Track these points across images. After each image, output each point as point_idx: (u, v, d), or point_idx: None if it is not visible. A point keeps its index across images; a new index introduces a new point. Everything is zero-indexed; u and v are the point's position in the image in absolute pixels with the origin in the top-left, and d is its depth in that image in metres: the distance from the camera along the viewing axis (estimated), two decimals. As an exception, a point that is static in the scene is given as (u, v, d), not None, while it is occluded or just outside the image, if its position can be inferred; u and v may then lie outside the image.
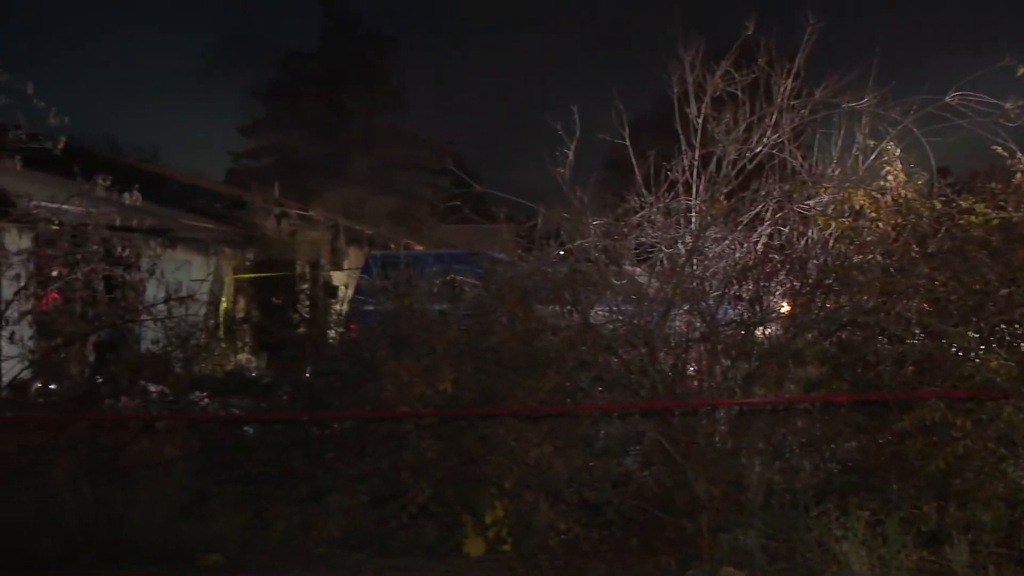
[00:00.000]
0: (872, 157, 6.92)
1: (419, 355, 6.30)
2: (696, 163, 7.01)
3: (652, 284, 6.85)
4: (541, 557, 6.05)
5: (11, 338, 7.03)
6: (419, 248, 21.57)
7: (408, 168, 42.75)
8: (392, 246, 22.81)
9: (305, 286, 19.82)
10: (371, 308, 7.36)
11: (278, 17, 77.30)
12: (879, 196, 6.59)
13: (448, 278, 7.22)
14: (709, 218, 6.81)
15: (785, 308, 6.71)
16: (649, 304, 6.66)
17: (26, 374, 7.00)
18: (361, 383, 6.44)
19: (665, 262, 7.02)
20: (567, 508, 6.11)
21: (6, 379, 7.10)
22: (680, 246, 6.93)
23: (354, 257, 22.71)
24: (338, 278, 21.05)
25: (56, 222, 7.11)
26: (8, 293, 7.10)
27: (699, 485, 5.89)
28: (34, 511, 6.29)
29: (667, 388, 6.34)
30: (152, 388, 7.30)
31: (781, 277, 6.76)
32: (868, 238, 6.45)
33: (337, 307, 10.93)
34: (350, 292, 12.59)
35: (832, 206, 6.79)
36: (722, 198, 6.88)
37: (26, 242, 7.94)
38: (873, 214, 6.50)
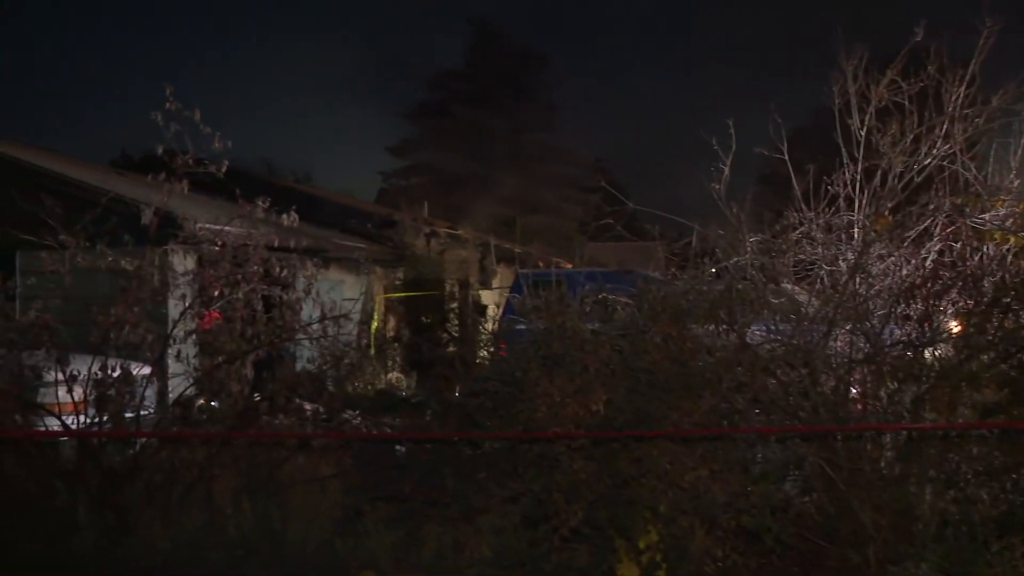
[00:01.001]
0: (1058, 167, 6.64)
1: (572, 375, 6.34)
2: (859, 177, 6.86)
3: (812, 303, 6.72)
4: (697, 584, 6.00)
5: (177, 356, 7.40)
6: (568, 266, 21.66)
7: (557, 186, 43.07)
8: (541, 264, 22.97)
9: (454, 305, 20.18)
10: (522, 327, 7.44)
11: (427, 37, 79.38)
12: (1065, 208, 6.31)
13: (600, 297, 7.24)
14: (873, 234, 6.64)
15: (956, 328, 6.48)
16: (809, 324, 6.54)
17: (190, 391, 7.34)
18: (512, 403, 6.51)
19: (826, 280, 6.88)
20: (724, 534, 6.03)
21: (172, 396, 7.48)
22: (842, 263, 6.79)
23: (503, 276, 22.98)
24: (487, 297, 21.33)
25: (218, 243, 7.46)
26: (175, 313, 7.49)
27: (865, 513, 5.72)
28: (201, 524, 6.63)
29: (829, 411, 6.20)
30: (307, 406, 7.56)
31: (952, 295, 6.53)
32: (1053, 254, 6.18)
33: (487, 326, 11.10)
34: (499, 311, 12.76)
35: (1011, 219, 6.53)
36: (887, 213, 6.71)
37: (190, 263, 8.36)
38: (1059, 228, 6.22)
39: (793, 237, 6.94)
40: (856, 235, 6.82)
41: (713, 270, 7.22)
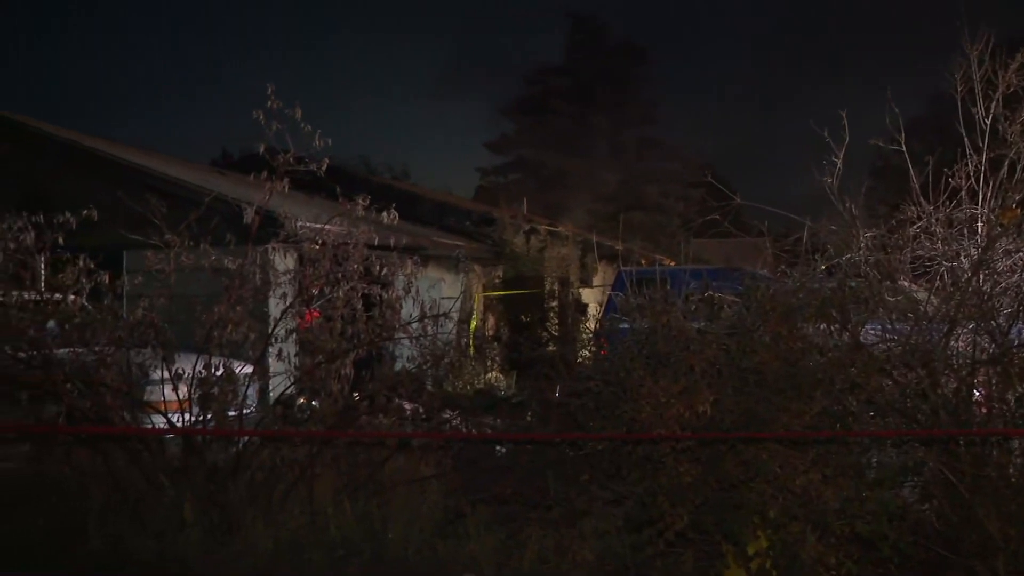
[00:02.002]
0: None
1: (677, 375, 6.28)
2: (983, 168, 6.65)
3: (931, 301, 6.54)
4: (810, 593, 5.88)
5: (278, 355, 7.54)
6: (671, 264, 21.48)
7: (659, 181, 42.77)
8: (643, 261, 22.81)
9: (554, 303, 20.18)
10: (625, 326, 7.39)
11: (526, 32, 79.65)
12: None
13: (706, 295, 7.16)
14: (999, 228, 6.42)
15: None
16: (928, 323, 6.36)
17: (291, 390, 7.47)
18: (615, 403, 6.48)
19: (946, 277, 6.68)
20: (837, 541, 5.90)
21: (273, 394, 7.63)
22: (964, 259, 6.58)
23: (603, 273, 22.89)
24: (588, 295, 21.28)
25: (319, 241, 7.56)
26: (276, 311, 7.64)
27: (991, 523, 5.53)
28: (302, 523, 6.75)
29: (950, 415, 6.02)
30: (407, 406, 7.62)
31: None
32: None
33: (588, 325, 11.07)
34: (601, 309, 12.70)
35: None
36: (1015, 205, 6.49)
37: (291, 262, 8.50)
38: None
39: (911, 232, 6.75)
40: (980, 229, 6.61)
41: (823, 267, 7.07)
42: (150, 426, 7.20)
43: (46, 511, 6.95)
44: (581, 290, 21.66)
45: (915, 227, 6.78)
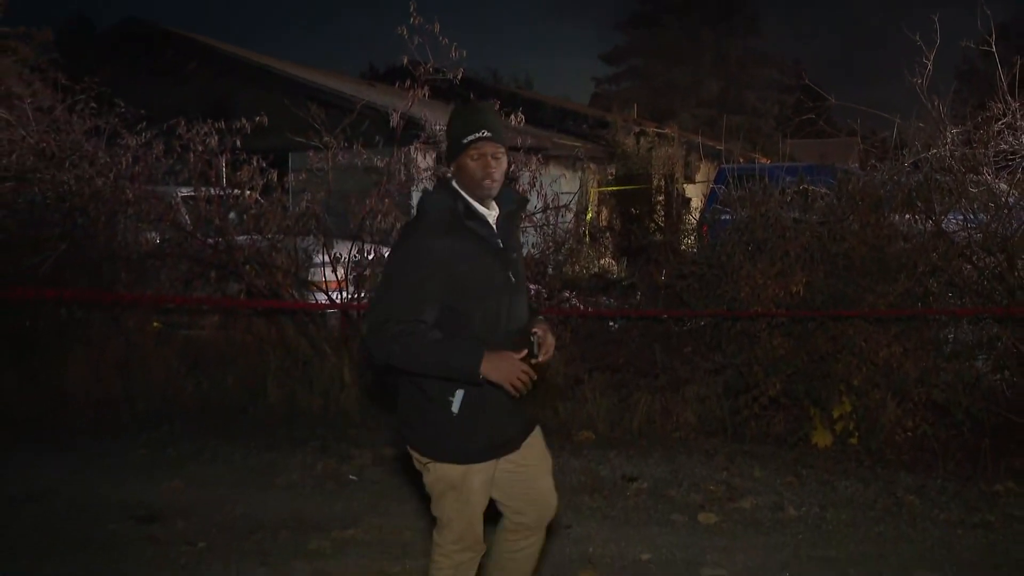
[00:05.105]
0: None
1: (773, 259, 6.23)
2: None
3: (1012, 193, 6.26)
4: (888, 451, 5.87)
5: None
6: (766, 161, 20.93)
7: (757, 87, 41.49)
8: (741, 160, 22.29)
9: (661, 197, 19.95)
10: (726, 217, 7.30)
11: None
12: None
13: (800, 188, 7.01)
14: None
15: None
16: (1008, 212, 6.12)
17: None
18: (717, 284, 6.47)
19: (1029, 170, 6.37)
20: (914, 407, 5.87)
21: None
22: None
23: (706, 171, 22.46)
24: (691, 191, 20.96)
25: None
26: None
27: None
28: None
29: (1025, 295, 5.82)
30: (531, 287, 7.73)
31: None
32: None
33: (692, 216, 10.95)
34: (703, 202, 12.50)
35: None
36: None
37: (430, 160, 8.60)
38: None
39: (995, 128, 6.43)
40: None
41: (910, 162, 6.81)
42: (314, 301, 7.49)
43: (234, 370, 7.36)
44: (685, 186, 21.32)
45: (1000, 123, 6.45)
